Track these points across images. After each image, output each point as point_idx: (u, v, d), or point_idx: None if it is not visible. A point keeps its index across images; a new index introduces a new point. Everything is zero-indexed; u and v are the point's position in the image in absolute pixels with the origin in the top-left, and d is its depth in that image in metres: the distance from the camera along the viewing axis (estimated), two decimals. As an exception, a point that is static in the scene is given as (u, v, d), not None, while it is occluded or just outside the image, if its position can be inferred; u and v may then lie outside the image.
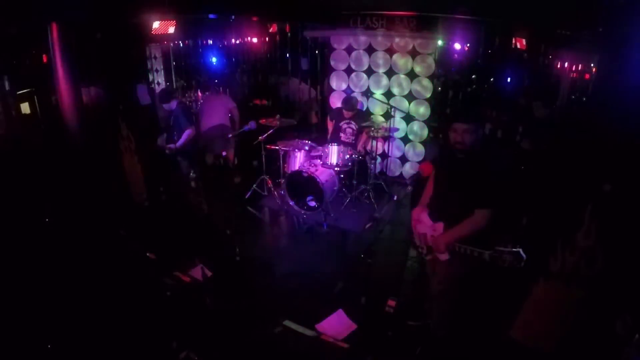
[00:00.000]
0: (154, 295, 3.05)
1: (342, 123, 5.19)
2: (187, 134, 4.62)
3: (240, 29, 7.46)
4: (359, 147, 5.11)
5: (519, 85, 6.42)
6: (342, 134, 5.20)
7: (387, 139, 5.58)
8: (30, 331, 2.57)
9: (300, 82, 7.56)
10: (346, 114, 5.11)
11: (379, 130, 4.98)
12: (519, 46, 5.88)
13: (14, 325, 2.60)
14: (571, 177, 3.02)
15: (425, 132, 5.63)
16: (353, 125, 5.13)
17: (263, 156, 5.12)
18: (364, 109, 5.75)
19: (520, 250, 2.05)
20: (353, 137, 5.17)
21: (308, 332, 2.79)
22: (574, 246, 2.39)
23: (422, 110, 5.53)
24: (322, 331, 2.92)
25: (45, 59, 4.39)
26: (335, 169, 4.77)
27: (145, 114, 4.63)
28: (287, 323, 2.84)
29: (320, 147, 4.92)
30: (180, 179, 4.78)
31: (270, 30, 8.07)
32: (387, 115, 5.42)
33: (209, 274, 3.49)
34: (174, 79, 7.10)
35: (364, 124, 5.01)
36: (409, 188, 2.62)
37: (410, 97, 5.52)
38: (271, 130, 4.91)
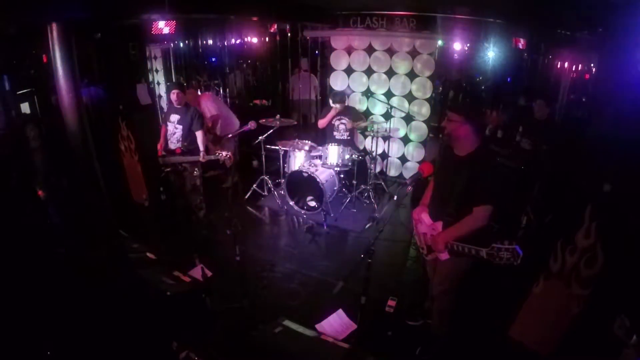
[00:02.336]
0: (154, 295, 3.05)
1: (334, 120, 5.16)
2: (201, 135, 4.19)
3: (240, 29, 7.45)
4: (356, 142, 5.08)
5: (519, 84, 6.42)
6: (335, 132, 5.17)
7: (387, 139, 5.58)
8: (30, 332, 2.57)
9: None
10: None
11: (378, 131, 4.98)
12: (519, 46, 5.89)
13: (14, 326, 2.60)
14: (571, 177, 3.02)
15: (425, 132, 5.63)
16: (345, 121, 5.10)
17: (263, 156, 5.12)
18: (364, 108, 5.74)
19: (517, 247, 2.03)
20: (348, 134, 5.15)
21: (308, 332, 2.79)
22: (574, 246, 2.39)
23: (422, 110, 5.53)
24: (322, 331, 2.92)
25: (45, 59, 4.38)
26: (335, 169, 4.77)
27: (145, 114, 4.64)
28: (287, 323, 2.84)
29: (320, 147, 4.92)
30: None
31: (270, 30, 8.08)
32: (387, 115, 5.42)
33: (209, 274, 3.50)
34: (174, 79, 7.10)
35: (356, 122, 4.99)
36: (409, 188, 2.61)
37: (410, 97, 5.52)
38: (271, 130, 4.91)
